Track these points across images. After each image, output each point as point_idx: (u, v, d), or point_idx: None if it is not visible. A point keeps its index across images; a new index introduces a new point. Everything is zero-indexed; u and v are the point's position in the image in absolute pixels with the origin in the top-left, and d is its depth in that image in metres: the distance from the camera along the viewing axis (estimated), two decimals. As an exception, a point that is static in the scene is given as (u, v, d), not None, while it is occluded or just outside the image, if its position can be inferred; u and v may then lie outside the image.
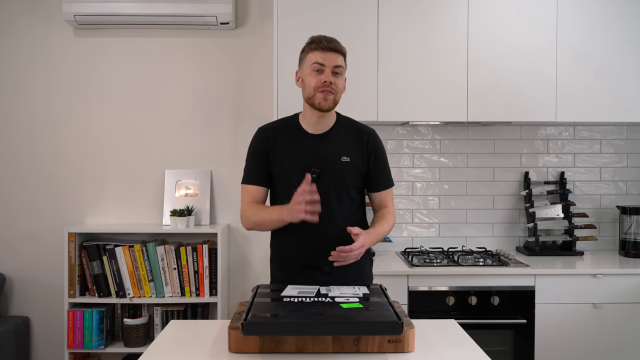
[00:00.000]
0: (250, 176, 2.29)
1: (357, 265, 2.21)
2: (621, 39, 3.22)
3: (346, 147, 2.25)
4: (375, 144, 2.30)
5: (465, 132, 3.59)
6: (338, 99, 2.21)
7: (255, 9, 3.54)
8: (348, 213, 2.24)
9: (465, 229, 3.61)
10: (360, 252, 2.06)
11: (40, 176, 3.55)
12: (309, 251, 2.20)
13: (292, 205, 2.06)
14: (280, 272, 2.31)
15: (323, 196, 2.14)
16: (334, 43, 2.18)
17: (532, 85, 3.21)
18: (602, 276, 3.00)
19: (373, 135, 2.31)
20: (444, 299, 2.98)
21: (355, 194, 2.28)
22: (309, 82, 2.18)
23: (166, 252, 3.31)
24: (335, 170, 2.21)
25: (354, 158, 2.24)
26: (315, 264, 2.20)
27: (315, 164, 2.20)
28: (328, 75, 2.15)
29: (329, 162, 2.21)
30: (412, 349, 1.73)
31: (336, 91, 2.18)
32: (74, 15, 3.31)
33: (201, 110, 3.56)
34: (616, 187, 3.62)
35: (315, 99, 2.17)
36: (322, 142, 2.25)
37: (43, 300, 3.54)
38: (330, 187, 2.20)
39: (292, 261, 2.26)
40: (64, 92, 3.53)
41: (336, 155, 2.23)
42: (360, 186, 2.30)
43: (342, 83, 2.21)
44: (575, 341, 3.00)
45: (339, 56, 2.18)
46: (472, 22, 3.19)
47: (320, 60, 2.15)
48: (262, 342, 1.70)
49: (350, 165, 2.24)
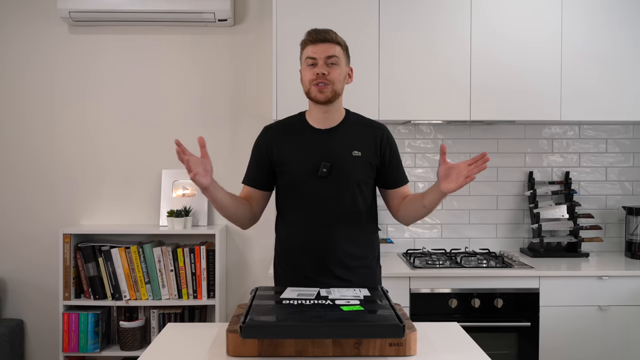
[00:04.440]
0: (247, 176, 2.28)
1: (367, 273, 2.18)
2: (627, 36, 3.19)
3: (357, 141, 2.18)
4: (389, 139, 2.24)
5: (468, 131, 3.56)
6: (338, 89, 2.15)
7: (254, 6, 3.50)
8: (359, 210, 2.17)
9: (468, 230, 3.57)
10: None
11: (35, 176, 3.51)
12: (319, 252, 2.14)
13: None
14: (287, 274, 2.23)
15: (333, 192, 2.11)
16: (323, 34, 2.13)
17: (537, 83, 3.17)
18: (607, 278, 2.97)
19: (386, 130, 2.25)
20: (446, 301, 2.94)
21: (367, 191, 2.20)
22: (304, 77, 2.16)
23: (163, 253, 3.27)
24: (346, 165, 2.15)
25: (365, 153, 2.17)
26: (325, 265, 2.14)
27: (325, 158, 2.14)
28: (320, 67, 2.10)
29: (340, 157, 2.15)
30: (414, 353, 1.71)
31: (332, 81, 2.11)
32: (69, 12, 3.27)
33: (199, 108, 3.52)
34: (622, 187, 3.58)
35: (311, 92, 2.13)
36: (331, 137, 2.18)
37: (38, 302, 3.51)
38: (341, 183, 2.14)
39: (300, 263, 2.18)
40: (58, 90, 3.50)
41: (347, 149, 2.16)
42: (371, 183, 2.23)
43: (339, 73, 2.14)
44: (581, 344, 2.97)
45: (332, 46, 2.12)
46: (475, 19, 3.16)
47: (312, 54, 2.12)
48: (261, 346, 1.67)
49: (362, 160, 2.17)
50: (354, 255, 2.17)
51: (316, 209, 2.14)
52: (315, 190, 2.14)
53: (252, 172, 2.26)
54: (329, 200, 2.13)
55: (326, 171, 2.12)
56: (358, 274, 2.17)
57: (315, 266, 2.15)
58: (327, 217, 2.13)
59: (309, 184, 2.14)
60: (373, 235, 2.27)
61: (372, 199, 2.24)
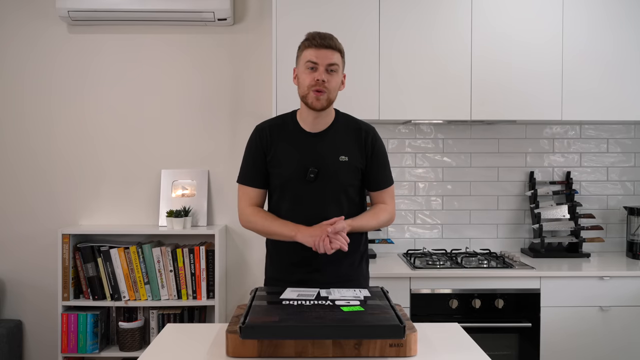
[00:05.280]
0: (246, 176, 2.29)
1: (349, 264, 2.23)
2: (628, 35, 3.18)
3: (344, 146, 2.22)
4: (373, 141, 2.26)
5: (469, 131, 3.54)
6: (332, 98, 2.18)
7: (253, 5, 3.49)
8: (346, 214, 2.20)
9: (469, 230, 3.55)
10: (342, 226, 2.07)
11: (33, 176, 3.49)
12: (305, 253, 2.16)
13: (317, 238, 2.05)
14: (273, 269, 2.32)
15: (320, 197, 2.17)
16: (327, 40, 2.14)
17: (538, 82, 3.16)
18: (609, 279, 2.96)
19: (372, 132, 2.28)
20: (447, 301, 2.93)
21: (354, 194, 2.26)
22: (303, 80, 2.17)
23: (162, 253, 3.26)
24: (333, 170, 2.19)
25: (352, 157, 2.22)
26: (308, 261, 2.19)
27: (313, 163, 2.18)
28: (321, 74, 2.12)
29: (327, 161, 2.19)
30: (414, 354, 1.71)
31: (329, 90, 2.14)
32: (67, 11, 3.25)
33: (198, 108, 3.51)
34: (623, 187, 3.57)
35: (308, 98, 2.15)
36: (320, 141, 2.22)
37: (36, 303, 3.49)
38: (328, 188, 2.19)
39: (286, 259, 2.25)
40: (57, 90, 3.48)
41: (334, 154, 2.20)
42: (359, 186, 2.28)
43: (337, 81, 2.18)
44: (582, 345, 2.95)
45: (333, 53, 2.14)
46: (476, 18, 3.14)
47: (314, 59, 2.13)
48: (261, 347, 1.67)
49: (349, 165, 2.21)
50: (339, 256, 2.18)
51: (303, 212, 2.19)
52: (302, 194, 2.19)
53: (251, 171, 2.27)
54: (315, 205, 2.18)
55: (313, 176, 2.17)
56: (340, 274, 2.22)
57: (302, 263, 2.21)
58: (313, 221, 2.15)
59: (297, 187, 2.19)
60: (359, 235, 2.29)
61: (359, 200, 2.30)
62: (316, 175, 2.16)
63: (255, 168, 2.25)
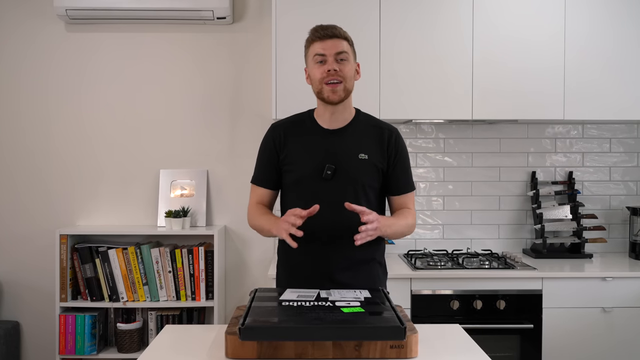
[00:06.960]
0: (257, 177, 2.23)
1: (368, 279, 2.13)
2: (631, 34, 3.16)
3: (364, 143, 2.13)
4: (397, 142, 2.17)
5: (470, 131, 3.52)
6: (349, 87, 2.09)
7: (253, 4, 3.47)
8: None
9: (470, 231, 3.54)
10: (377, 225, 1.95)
11: (31, 176, 3.48)
12: (320, 255, 2.10)
13: (280, 222, 1.98)
14: (288, 278, 2.19)
15: (338, 197, 2.04)
16: (331, 29, 2.07)
17: (539, 82, 3.14)
18: (611, 279, 2.94)
19: (395, 132, 2.18)
20: (448, 303, 2.91)
21: (373, 197, 2.15)
22: (314, 75, 2.09)
23: (161, 254, 3.24)
24: (351, 168, 2.09)
25: (372, 156, 2.12)
26: (326, 269, 2.10)
27: (330, 160, 2.09)
28: (331, 64, 2.04)
29: (345, 159, 2.10)
30: (415, 355, 1.69)
31: (344, 77, 2.06)
32: (65, 10, 3.24)
33: (197, 107, 3.49)
34: (626, 187, 3.55)
35: (324, 92, 2.07)
36: (338, 138, 2.13)
37: (34, 304, 3.48)
38: (346, 187, 2.09)
39: (302, 268, 2.13)
40: (54, 88, 3.47)
41: (353, 152, 2.11)
42: (378, 188, 2.16)
43: (350, 69, 2.09)
44: (584, 347, 2.94)
45: (340, 41, 2.07)
46: (477, 17, 3.13)
47: (321, 51, 2.05)
48: (260, 348, 1.65)
49: (368, 164, 2.11)
50: (356, 259, 2.12)
51: (320, 213, 2.02)
52: (319, 192, 2.08)
53: (263, 172, 2.21)
54: (332, 203, 2.06)
55: (330, 173, 2.07)
56: (358, 280, 2.11)
57: (316, 269, 2.11)
58: (330, 223, 2.07)
59: (313, 186, 2.10)
60: (377, 240, 2.15)
61: (378, 205, 2.18)
62: (333, 173, 2.07)
63: (266, 169, 2.20)
